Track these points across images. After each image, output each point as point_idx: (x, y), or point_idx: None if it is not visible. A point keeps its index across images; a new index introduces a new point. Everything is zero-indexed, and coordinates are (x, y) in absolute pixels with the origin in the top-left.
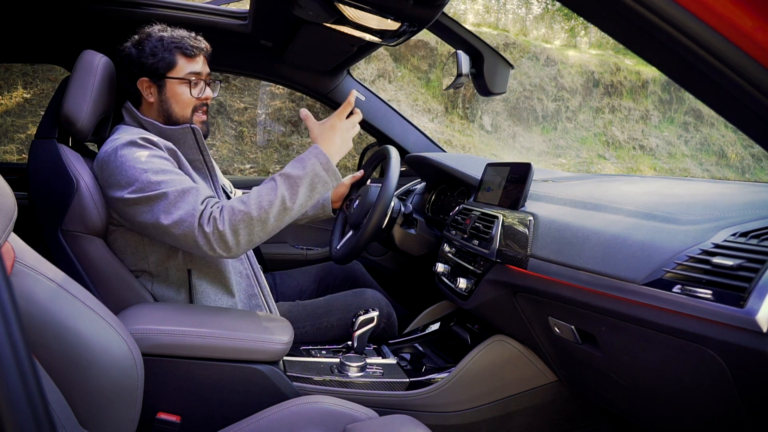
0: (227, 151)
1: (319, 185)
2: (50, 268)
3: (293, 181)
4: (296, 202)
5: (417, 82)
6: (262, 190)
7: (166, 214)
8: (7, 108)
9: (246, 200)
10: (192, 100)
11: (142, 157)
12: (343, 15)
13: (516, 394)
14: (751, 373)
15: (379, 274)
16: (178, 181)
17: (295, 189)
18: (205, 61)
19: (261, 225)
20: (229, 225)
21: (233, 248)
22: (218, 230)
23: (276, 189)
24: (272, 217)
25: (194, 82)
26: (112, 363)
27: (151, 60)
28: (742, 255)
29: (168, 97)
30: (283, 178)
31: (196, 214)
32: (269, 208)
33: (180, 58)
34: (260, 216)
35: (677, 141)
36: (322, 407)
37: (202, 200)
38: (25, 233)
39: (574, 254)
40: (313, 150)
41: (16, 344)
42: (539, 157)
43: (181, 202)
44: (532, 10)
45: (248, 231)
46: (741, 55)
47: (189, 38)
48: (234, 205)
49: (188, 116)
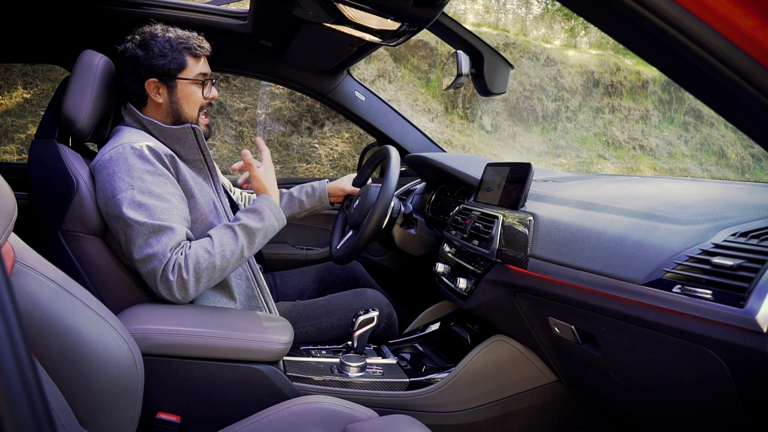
0: (227, 151)
1: (270, 233)
2: (50, 268)
3: (252, 232)
4: (252, 250)
5: (417, 82)
6: (223, 239)
7: (135, 246)
8: (7, 108)
9: (210, 249)
10: (201, 100)
11: (135, 170)
12: (343, 15)
13: (516, 394)
14: (751, 373)
15: (379, 274)
16: (160, 211)
17: (252, 239)
18: (206, 61)
19: (220, 272)
20: (193, 273)
21: (191, 294)
22: (182, 278)
23: (237, 240)
24: (231, 265)
25: (202, 82)
26: (112, 363)
27: (162, 61)
28: (742, 255)
29: (179, 98)
30: (242, 229)
31: (164, 260)
32: (230, 257)
33: (189, 59)
34: (222, 265)
35: (677, 141)
36: (322, 407)
37: (173, 246)
38: (25, 233)
39: (574, 254)
40: (265, 201)
41: (16, 344)
42: (539, 157)
43: (153, 240)
44: (532, 10)
45: (208, 278)
46: (741, 55)
47: (194, 38)
48: (199, 254)
49: (195, 116)
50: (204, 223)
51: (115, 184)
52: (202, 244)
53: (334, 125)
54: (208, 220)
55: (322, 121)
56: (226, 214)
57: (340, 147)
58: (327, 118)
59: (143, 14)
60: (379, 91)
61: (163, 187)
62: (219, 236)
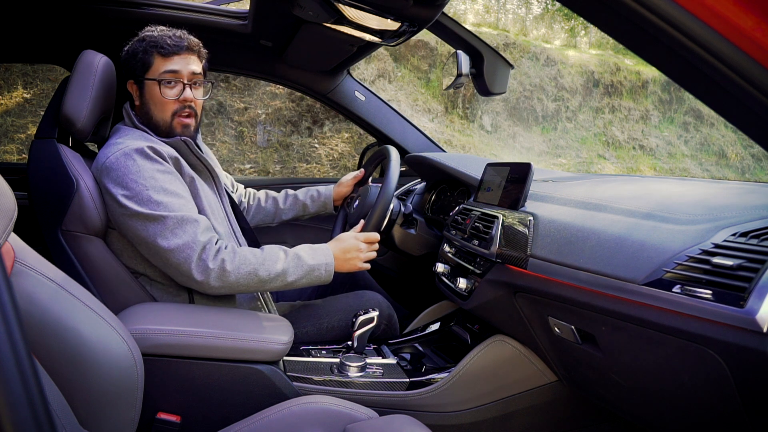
0: (227, 151)
1: (315, 278)
2: (50, 268)
3: (301, 263)
4: (293, 279)
5: (417, 82)
6: (272, 256)
7: (163, 238)
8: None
9: (258, 256)
10: (168, 102)
11: (145, 170)
12: (343, 15)
13: (516, 394)
14: (751, 373)
15: (379, 274)
16: (178, 206)
17: (298, 270)
18: (197, 61)
19: (258, 283)
20: (235, 270)
21: (225, 288)
22: (225, 269)
23: (285, 261)
24: (270, 282)
25: (166, 81)
26: (112, 363)
27: (132, 62)
28: (742, 255)
29: (147, 99)
30: (294, 256)
31: (196, 247)
32: (273, 274)
33: (156, 58)
34: (263, 277)
35: (677, 141)
36: (322, 407)
37: (202, 232)
38: (25, 233)
39: (574, 254)
40: (327, 251)
41: (16, 344)
42: (539, 157)
43: (179, 230)
44: (532, 10)
45: (246, 282)
46: (741, 55)
47: (169, 36)
48: (248, 257)
49: (168, 120)
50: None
51: (128, 186)
52: (252, 250)
53: (334, 125)
54: (211, 222)
55: (322, 121)
56: (228, 215)
57: (340, 147)
58: (327, 118)
59: (143, 14)
60: (379, 91)
61: (175, 185)
62: (270, 251)
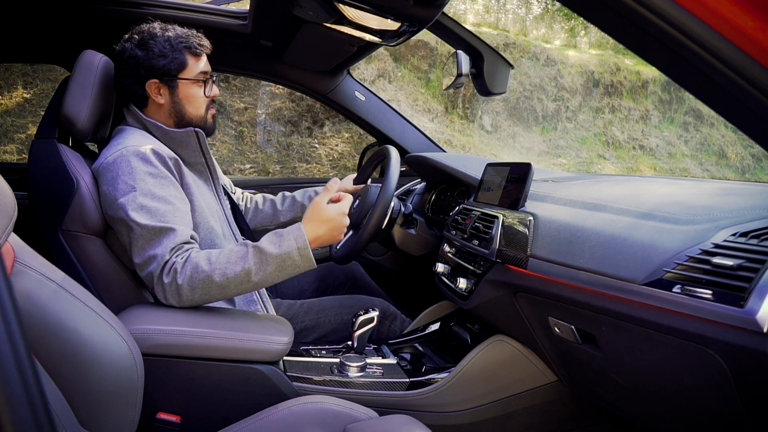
0: (227, 151)
1: (289, 268)
2: (50, 268)
3: (265, 257)
4: (261, 277)
5: (417, 82)
6: (231, 256)
7: (137, 249)
8: (7, 108)
9: (213, 261)
10: (205, 99)
11: (138, 173)
12: (343, 15)
13: (516, 394)
14: (751, 373)
15: (379, 274)
16: (162, 213)
17: (263, 266)
18: (207, 59)
19: (220, 290)
20: (188, 282)
21: (186, 302)
22: (176, 283)
23: (245, 260)
24: (233, 286)
25: (203, 81)
26: (112, 363)
27: (162, 61)
28: (742, 255)
29: (181, 98)
30: (256, 252)
31: (161, 261)
32: (232, 277)
33: (190, 58)
34: (221, 282)
35: (677, 141)
36: (322, 407)
37: (174, 248)
38: (25, 233)
39: (574, 254)
40: (295, 231)
41: (16, 344)
42: (539, 157)
43: (154, 242)
44: (532, 10)
45: (205, 292)
46: (741, 55)
47: (194, 36)
48: (199, 263)
49: (202, 115)
50: (206, 226)
51: (118, 186)
52: (207, 255)
53: (334, 125)
54: (209, 224)
55: (322, 121)
56: (227, 217)
57: (340, 147)
58: (327, 118)
59: (143, 14)
60: (379, 91)
61: (166, 190)
62: (228, 252)
